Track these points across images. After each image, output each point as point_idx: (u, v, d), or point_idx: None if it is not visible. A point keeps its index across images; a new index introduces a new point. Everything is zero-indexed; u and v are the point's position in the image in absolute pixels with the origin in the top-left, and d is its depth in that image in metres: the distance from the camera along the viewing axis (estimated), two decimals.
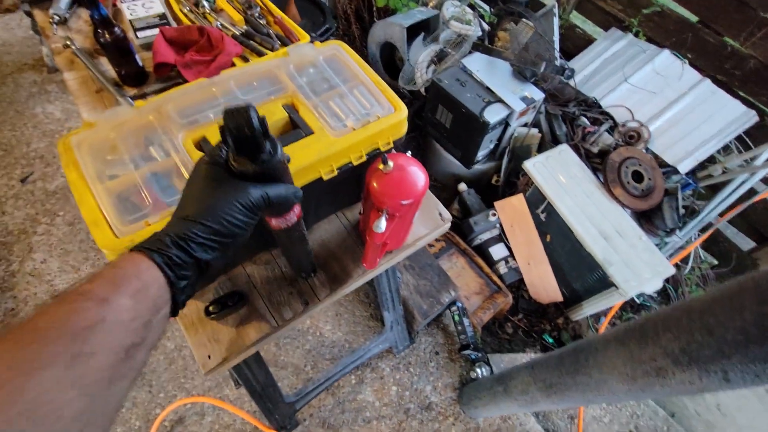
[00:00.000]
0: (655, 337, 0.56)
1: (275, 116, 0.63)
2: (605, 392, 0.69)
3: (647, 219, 1.77)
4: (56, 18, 1.06)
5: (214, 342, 0.67)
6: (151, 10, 1.06)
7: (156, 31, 1.01)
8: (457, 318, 1.50)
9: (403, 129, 0.69)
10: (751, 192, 1.73)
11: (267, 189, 0.42)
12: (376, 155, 0.67)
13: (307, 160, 0.59)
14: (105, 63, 0.99)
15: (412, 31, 2.22)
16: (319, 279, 0.76)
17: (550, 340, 1.89)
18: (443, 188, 2.26)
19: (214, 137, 0.60)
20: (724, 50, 1.71)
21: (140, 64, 0.96)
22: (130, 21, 1.03)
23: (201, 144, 0.59)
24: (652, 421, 1.62)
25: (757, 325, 0.42)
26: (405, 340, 1.47)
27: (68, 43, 0.99)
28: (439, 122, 1.98)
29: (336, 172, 0.64)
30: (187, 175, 0.56)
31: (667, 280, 2.08)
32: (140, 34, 1.03)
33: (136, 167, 0.56)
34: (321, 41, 2.04)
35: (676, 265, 2.10)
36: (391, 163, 0.63)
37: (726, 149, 1.78)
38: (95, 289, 0.31)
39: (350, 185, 0.74)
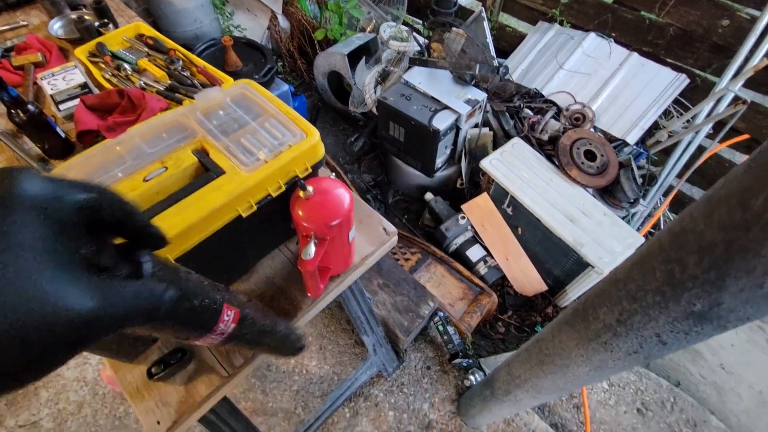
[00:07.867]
0: (594, 313, 0.55)
1: (185, 163, 0.62)
2: (571, 377, 0.68)
3: (609, 194, 1.80)
4: None
5: (162, 406, 0.64)
6: (72, 81, 1.07)
7: (78, 101, 1.01)
8: (441, 328, 1.48)
9: (320, 153, 0.69)
10: (701, 149, 1.78)
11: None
12: (295, 183, 0.66)
13: (220, 201, 0.58)
14: (29, 141, 0.97)
15: (354, 57, 2.28)
16: None
17: None
18: (411, 200, 2.27)
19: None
20: (644, 24, 1.79)
21: (63, 135, 0.95)
22: (51, 96, 1.03)
23: None
24: (657, 394, 1.60)
25: (668, 283, 0.42)
26: (393, 361, 1.44)
27: None
28: (394, 138, 2.00)
29: (255, 207, 0.63)
30: None
31: None
32: (62, 106, 1.03)
33: None
34: (265, 81, 2.05)
35: (650, 233, 2.13)
36: (310, 188, 0.63)
37: (667, 114, 1.84)
38: None
39: (282, 217, 0.74)
